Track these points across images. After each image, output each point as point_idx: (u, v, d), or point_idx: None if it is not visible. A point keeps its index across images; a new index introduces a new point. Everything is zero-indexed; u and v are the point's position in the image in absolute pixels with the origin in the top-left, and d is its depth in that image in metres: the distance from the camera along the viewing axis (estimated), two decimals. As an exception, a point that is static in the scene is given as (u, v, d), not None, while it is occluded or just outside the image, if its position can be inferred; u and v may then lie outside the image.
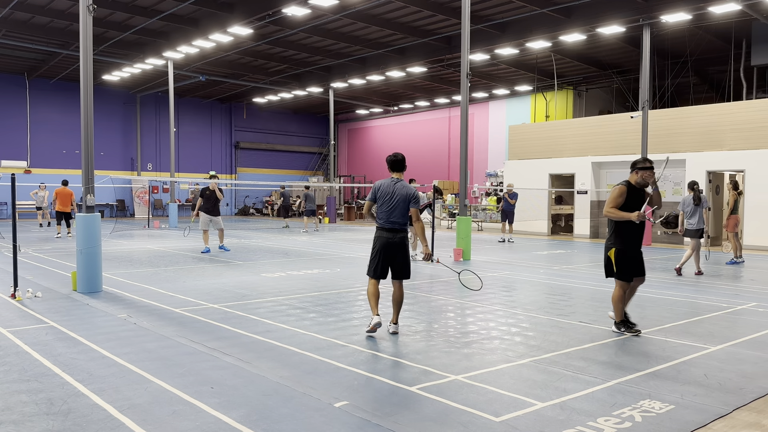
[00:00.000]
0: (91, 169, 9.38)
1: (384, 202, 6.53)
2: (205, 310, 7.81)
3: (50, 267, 11.86)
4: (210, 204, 14.46)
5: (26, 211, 28.53)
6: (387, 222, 6.52)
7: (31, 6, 19.30)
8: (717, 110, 19.45)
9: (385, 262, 6.51)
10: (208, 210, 14.47)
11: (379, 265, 6.50)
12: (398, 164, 6.69)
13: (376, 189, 6.63)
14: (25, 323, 6.94)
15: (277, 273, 11.35)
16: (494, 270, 12.21)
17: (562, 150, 23.09)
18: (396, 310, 6.64)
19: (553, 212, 23.78)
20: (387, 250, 6.51)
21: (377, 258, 6.52)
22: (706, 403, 4.52)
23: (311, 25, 20.33)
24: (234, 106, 36.99)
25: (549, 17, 18.85)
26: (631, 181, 6.70)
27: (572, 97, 28.24)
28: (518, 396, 4.61)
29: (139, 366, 5.26)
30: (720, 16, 17.67)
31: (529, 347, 6.10)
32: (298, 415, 4.18)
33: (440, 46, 22.62)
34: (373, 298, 6.55)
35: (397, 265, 6.53)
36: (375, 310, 6.51)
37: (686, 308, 8.33)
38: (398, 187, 6.55)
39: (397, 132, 36.79)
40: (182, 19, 20.39)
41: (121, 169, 32.56)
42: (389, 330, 6.60)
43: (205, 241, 14.87)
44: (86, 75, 9.40)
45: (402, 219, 6.53)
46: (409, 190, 6.53)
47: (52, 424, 3.98)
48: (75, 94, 27.25)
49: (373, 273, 6.54)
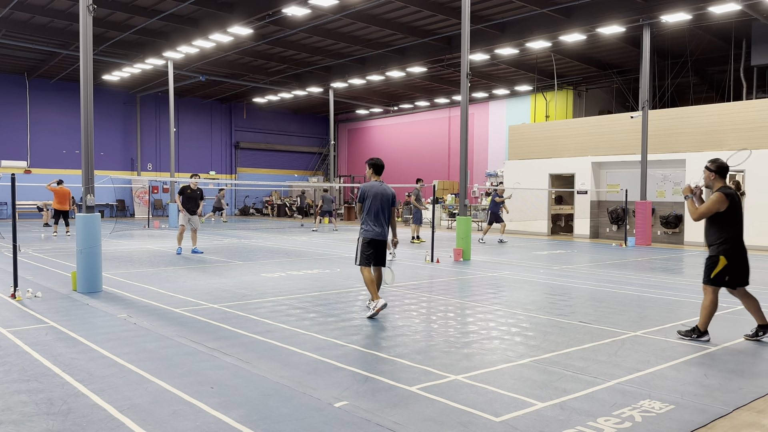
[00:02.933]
0: (91, 169, 9.38)
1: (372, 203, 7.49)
2: (205, 310, 7.81)
3: (50, 267, 11.86)
4: (191, 204, 14.40)
5: (26, 211, 28.54)
6: (376, 220, 7.49)
7: (31, 6, 19.30)
8: (717, 110, 19.45)
9: (375, 252, 7.52)
10: (189, 209, 14.42)
11: (372, 255, 7.51)
12: (382, 168, 7.70)
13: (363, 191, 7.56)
14: (25, 323, 6.94)
15: (277, 273, 11.35)
16: (494, 270, 12.21)
17: (562, 150, 23.09)
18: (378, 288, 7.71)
19: (553, 212, 23.78)
20: (376, 243, 7.52)
21: (369, 249, 7.49)
22: (706, 403, 4.51)
23: (311, 25, 20.33)
24: (234, 106, 36.99)
25: (549, 17, 18.85)
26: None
27: (572, 97, 28.24)
28: (518, 396, 4.61)
29: (139, 366, 5.26)
30: (720, 16, 17.67)
31: (529, 347, 6.10)
32: (298, 415, 4.18)
33: (440, 46, 22.62)
34: (373, 285, 7.44)
35: (381, 255, 7.60)
36: (377, 295, 7.44)
37: (686, 308, 8.32)
38: (384, 188, 7.58)
39: (397, 132, 36.79)
40: (182, 19, 20.39)
41: (121, 169, 32.57)
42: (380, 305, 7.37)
43: (179, 241, 14.54)
44: (86, 75, 9.40)
45: (386, 217, 7.59)
46: (391, 191, 7.62)
47: (52, 424, 3.98)
48: (75, 94, 27.28)
49: (367, 261, 7.51)
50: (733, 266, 6.21)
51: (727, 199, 6.18)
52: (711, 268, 6.26)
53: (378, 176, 7.66)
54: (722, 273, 6.20)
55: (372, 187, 7.53)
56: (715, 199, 6.19)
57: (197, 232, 14.91)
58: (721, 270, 6.19)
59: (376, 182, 7.60)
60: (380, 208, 7.49)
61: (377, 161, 7.65)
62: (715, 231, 6.28)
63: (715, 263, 6.22)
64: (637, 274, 11.96)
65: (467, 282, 10.82)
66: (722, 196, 6.18)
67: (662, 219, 20.06)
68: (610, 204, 21.69)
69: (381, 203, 7.50)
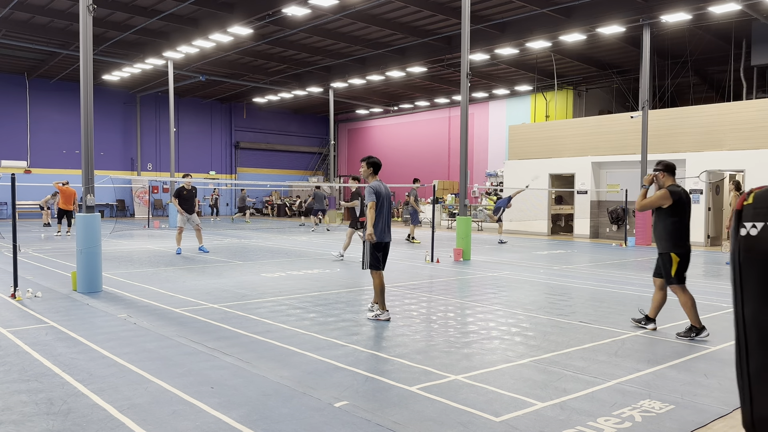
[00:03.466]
0: (91, 169, 9.38)
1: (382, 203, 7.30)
2: (205, 310, 7.81)
3: (50, 267, 11.86)
4: (188, 204, 14.47)
5: (26, 211, 28.54)
6: (387, 221, 7.35)
7: (31, 6, 19.30)
8: (717, 110, 19.44)
9: (384, 255, 7.43)
10: (188, 209, 14.48)
11: (382, 258, 7.39)
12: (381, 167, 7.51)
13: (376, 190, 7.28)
14: (25, 323, 6.94)
15: (277, 273, 11.35)
16: (494, 270, 12.21)
17: (562, 150, 23.09)
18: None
19: (553, 212, 23.78)
20: (386, 246, 7.45)
21: (379, 252, 7.34)
22: (706, 403, 4.52)
23: (311, 25, 20.33)
24: (234, 106, 36.98)
25: (549, 17, 18.85)
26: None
27: (572, 97, 28.24)
28: (518, 396, 4.61)
29: (139, 366, 5.26)
30: (720, 16, 17.67)
31: (529, 347, 6.10)
32: (298, 415, 4.18)
33: (440, 46, 22.62)
34: (383, 292, 7.35)
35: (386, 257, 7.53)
36: (385, 306, 7.41)
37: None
38: (388, 189, 7.49)
39: (397, 132, 36.79)
40: (182, 19, 20.39)
41: (121, 169, 32.56)
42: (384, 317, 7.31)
43: (178, 241, 14.61)
44: (86, 75, 9.40)
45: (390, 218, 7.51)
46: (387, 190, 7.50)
47: (52, 424, 3.98)
48: (75, 94, 27.25)
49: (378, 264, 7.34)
50: (683, 261, 6.46)
51: (672, 197, 6.43)
52: (669, 268, 6.47)
53: (376, 176, 7.46)
54: (679, 269, 6.45)
55: (380, 186, 7.32)
56: (660, 195, 6.50)
57: (201, 230, 15.00)
58: (678, 267, 6.44)
59: (380, 182, 7.41)
60: (388, 209, 7.38)
61: (377, 160, 7.47)
62: (660, 227, 6.56)
63: (670, 261, 6.45)
64: (637, 274, 11.97)
65: (467, 282, 10.82)
66: (667, 193, 6.46)
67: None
68: (610, 204, 21.69)
69: (388, 204, 7.39)
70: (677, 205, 6.43)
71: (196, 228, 14.70)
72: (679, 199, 6.43)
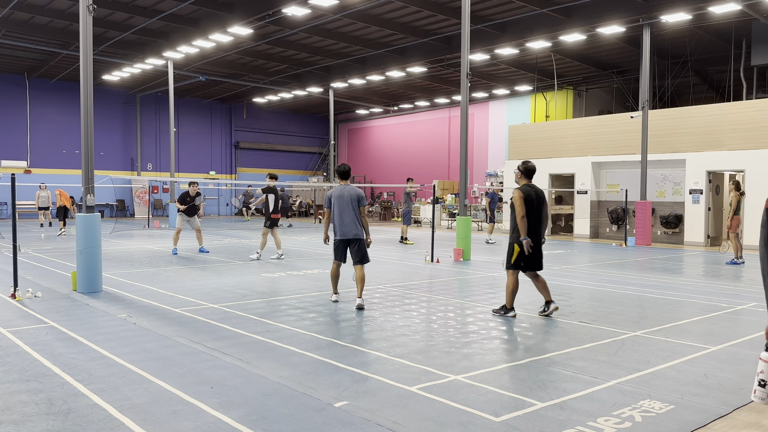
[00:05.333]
0: (91, 169, 9.38)
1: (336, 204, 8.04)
2: (205, 310, 7.81)
3: (50, 267, 11.86)
4: (191, 210, 14.64)
5: (26, 211, 28.54)
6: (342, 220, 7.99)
7: (31, 6, 19.30)
8: (717, 110, 19.44)
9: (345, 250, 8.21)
10: (189, 213, 14.63)
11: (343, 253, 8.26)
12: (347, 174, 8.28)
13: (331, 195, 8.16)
14: (25, 323, 6.94)
15: (277, 273, 11.35)
16: (494, 270, 12.21)
17: (562, 150, 23.09)
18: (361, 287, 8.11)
19: (553, 212, 23.77)
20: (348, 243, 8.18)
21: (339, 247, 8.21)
22: (706, 403, 4.51)
23: (311, 25, 20.33)
24: (234, 106, 36.98)
25: (549, 17, 18.85)
26: None
27: (572, 97, 28.23)
28: (518, 396, 4.61)
29: (139, 366, 5.26)
30: (720, 16, 17.67)
31: (529, 347, 6.10)
32: (298, 415, 4.18)
33: (440, 46, 22.62)
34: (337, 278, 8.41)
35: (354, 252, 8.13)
36: (336, 288, 8.45)
37: (686, 308, 8.33)
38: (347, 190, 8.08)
39: (397, 132, 36.78)
40: (182, 19, 20.39)
41: (121, 169, 32.56)
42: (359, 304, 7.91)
43: (174, 241, 14.68)
44: (86, 75, 9.40)
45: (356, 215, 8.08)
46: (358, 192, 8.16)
47: (52, 424, 3.98)
48: (75, 94, 27.27)
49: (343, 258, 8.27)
50: (523, 253, 7.21)
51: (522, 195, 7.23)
52: (510, 255, 7.36)
53: (345, 180, 8.25)
54: (518, 259, 7.29)
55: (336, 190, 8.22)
56: (514, 196, 7.32)
57: (201, 231, 15.10)
58: (517, 257, 7.27)
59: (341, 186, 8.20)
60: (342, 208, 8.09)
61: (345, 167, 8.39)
62: (512, 220, 7.35)
63: (512, 250, 7.31)
64: (637, 274, 11.96)
65: (467, 282, 10.82)
66: (518, 192, 7.28)
67: (662, 219, 20.05)
68: (610, 204, 21.69)
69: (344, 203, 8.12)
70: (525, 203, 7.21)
71: (197, 230, 14.80)
72: (527, 198, 7.23)
